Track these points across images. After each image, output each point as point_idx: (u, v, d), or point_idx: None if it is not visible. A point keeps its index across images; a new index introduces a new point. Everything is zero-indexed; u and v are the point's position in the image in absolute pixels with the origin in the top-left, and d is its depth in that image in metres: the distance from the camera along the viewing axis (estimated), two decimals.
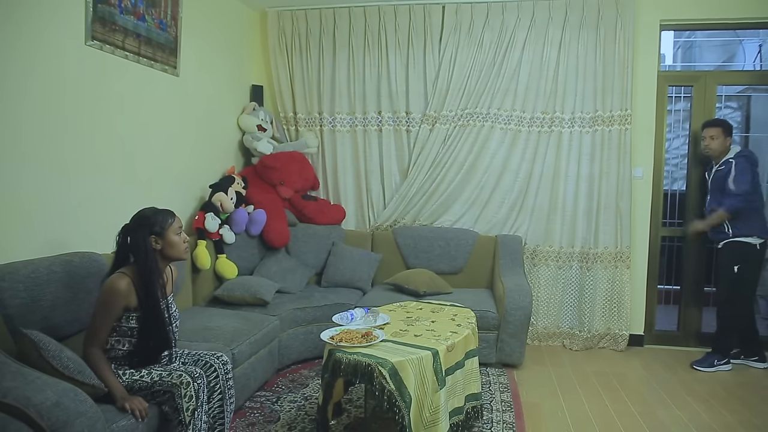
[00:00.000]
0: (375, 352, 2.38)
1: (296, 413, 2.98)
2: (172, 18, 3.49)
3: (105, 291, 2.18)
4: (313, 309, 3.75)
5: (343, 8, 4.55)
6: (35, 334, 1.98)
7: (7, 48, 2.37)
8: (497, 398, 3.24)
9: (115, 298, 2.16)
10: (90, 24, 2.79)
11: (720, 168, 3.87)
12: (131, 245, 2.27)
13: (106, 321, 2.17)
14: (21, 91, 2.45)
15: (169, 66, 3.52)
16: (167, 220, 2.31)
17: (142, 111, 3.29)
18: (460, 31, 4.42)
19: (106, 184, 2.99)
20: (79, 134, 2.79)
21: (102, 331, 2.17)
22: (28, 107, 2.49)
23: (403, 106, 4.58)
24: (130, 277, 2.20)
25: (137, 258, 2.24)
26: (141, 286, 2.21)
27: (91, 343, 2.15)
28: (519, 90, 4.39)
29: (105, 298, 2.17)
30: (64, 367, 1.93)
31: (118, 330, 2.21)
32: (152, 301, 2.23)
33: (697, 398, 3.35)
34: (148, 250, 2.24)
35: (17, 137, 2.44)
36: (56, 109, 2.64)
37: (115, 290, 2.16)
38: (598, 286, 4.30)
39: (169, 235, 2.30)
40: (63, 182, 2.70)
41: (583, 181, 4.31)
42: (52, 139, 2.62)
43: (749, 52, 5.90)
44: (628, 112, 4.20)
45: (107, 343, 2.20)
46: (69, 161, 2.73)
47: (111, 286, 2.17)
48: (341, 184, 4.75)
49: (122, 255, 2.29)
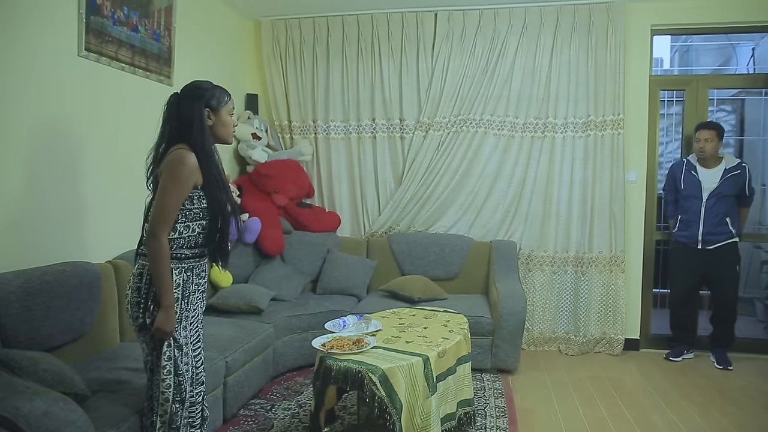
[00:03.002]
0: (366, 358, 2.39)
1: (290, 421, 2.98)
2: (166, 28, 3.52)
3: (175, 165, 1.94)
4: (308, 316, 3.75)
5: (336, 17, 4.58)
6: (3, 354, 1.97)
7: (1, 59, 2.40)
8: (491, 404, 3.24)
9: (188, 171, 1.94)
10: (83, 35, 2.82)
11: (735, 173, 3.95)
12: (183, 115, 2.02)
13: (178, 200, 1.94)
14: (15, 102, 2.47)
15: (164, 76, 3.55)
16: (224, 97, 2.12)
17: (136, 121, 3.30)
18: (453, 38, 4.45)
19: (99, 193, 3.01)
20: (72, 144, 2.81)
21: (173, 212, 1.94)
22: (21, 118, 2.51)
23: (397, 113, 4.60)
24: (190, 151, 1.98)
25: (191, 129, 2.01)
26: (200, 161, 2.00)
27: (160, 228, 1.91)
28: (512, 96, 4.41)
29: (177, 174, 1.93)
30: (41, 380, 1.93)
31: (186, 213, 2.00)
32: (217, 175, 2.05)
33: (692, 402, 3.35)
34: (204, 121, 2.04)
35: (11, 147, 2.46)
36: (49, 120, 2.67)
37: (188, 163, 1.94)
38: (593, 291, 4.31)
39: (222, 113, 2.11)
40: (57, 192, 2.72)
41: (577, 186, 4.32)
42: (46, 149, 2.64)
43: (742, 56, 5.92)
44: (621, 116, 4.22)
45: (175, 231, 1.98)
46: (62, 171, 2.75)
47: (182, 159, 1.94)
48: (336, 192, 4.77)
49: (170, 128, 2.06)
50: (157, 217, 1.92)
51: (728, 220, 3.96)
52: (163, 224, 1.92)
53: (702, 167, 4.04)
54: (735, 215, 4.00)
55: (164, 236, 1.93)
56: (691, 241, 4.04)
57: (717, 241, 3.97)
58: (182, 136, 2.02)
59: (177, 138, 2.03)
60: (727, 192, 3.96)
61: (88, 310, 2.58)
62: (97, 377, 2.29)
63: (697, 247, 4.01)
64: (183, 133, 2.02)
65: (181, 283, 2.02)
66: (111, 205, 3.10)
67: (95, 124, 2.98)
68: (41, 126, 2.62)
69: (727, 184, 3.95)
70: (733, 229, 3.96)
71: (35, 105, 2.58)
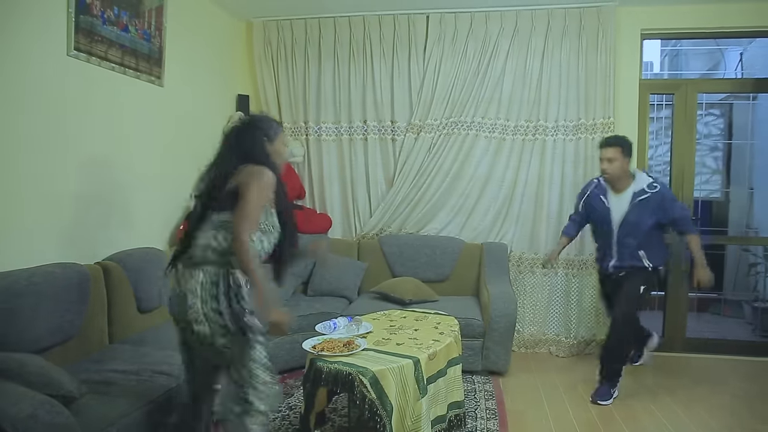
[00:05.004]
0: (356, 360, 2.38)
1: (280, 423, 2.97)
2: (156, 29, 3.51)
3: (259, 176, 2.00)
4: (298, 318, 3.73)
5: (328, 18, 4.58)
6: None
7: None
8: (482, 406, 3.24)
9: (270, 183, 2.02)
10: (72, 34, 2.80)
11: (643, 197, 3.32)
12: (245, 144, 2.12)
13: (261, 207, 1.99)
14: (3, 103, 2.45)
15: (154, 76, 3.53)
16: (279, 128, 2.24)
17: (126, 121, 3.29)
18: (444, 41, 4.46)
19: (89, 194, 2.99)
20: (61, 145, 2.79)
21: (257, 217, 1.97)
22: (10, 118, 2.49)
23: (389, 115, 4.61)
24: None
25: (255, 156, 2.09)
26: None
27: (246, 233, 1.91)
28: (503, 99, 4.43)
29: (262, 183, 1.99)
30: (27, 383, 1.90)
31: (261, 228, 2.05)
32: (285, 199, 2.14)
33: (680, 403, 3.37)
34: (265, 147, 2.15)
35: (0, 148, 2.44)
36: (38, 120, 2.64)
37: (269, 176, 2.02)
38: (584, 293, 4.33)
39: (277, 143, 2.21)
40: (45, 192, 2.69)
41: (567, 189, 4.34)
42: (34, 149, 2.62)
43: (731, 61, 5.99)
44: (611, 119, 4.24)
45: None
46: (51, 172, 2.73)
47: (264, 172, 2.02)
48: (327, 193, 4.76)
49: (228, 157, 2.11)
50: (243, 219, 1.93)
51: (642, 253, 3.36)
52: (249, 228, 1.94)
53: (612, 192, 3.46)
54: (655, 246, 3.39)
55: (248, 239, 1.93)
56: (603, 270, 3.59)
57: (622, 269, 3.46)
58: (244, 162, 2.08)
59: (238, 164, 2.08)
60: (639, 220, 3.33)
61: (77, 312, 2.56)
62: (85, 379, 2.26)
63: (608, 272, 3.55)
64: (247, 160, 2.08)
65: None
66: (100, 205, 3.07)
67: (84, 125, 2.95)
68: (28, 126, 2.60)
69: (637, 211, 3.33)
70: (650, 264, 3.36)
71: (23, 105, 2.56)
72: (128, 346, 2.79)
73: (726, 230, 5.69)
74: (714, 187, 6.02)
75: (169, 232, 3.77)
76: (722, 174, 5.99)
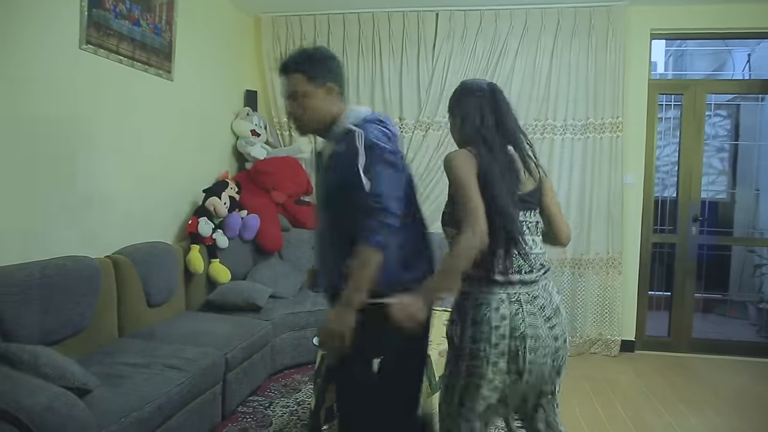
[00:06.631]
0: None
1: (288, 418, 2.98)
2: (167, 23, 3.50)
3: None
4: (306, 314, 3.74)
5: (337, 14, 4.57)
6: (3, 348, 1.96)
7: (2, 51, 2.38)
8: None
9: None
10: (84, 28, 2.80)
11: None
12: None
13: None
14: (16, 95, 2.45)
15: (164, 71, 3.53)
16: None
17: (136, 115, 3.29)
18: (454, 39, 4.45)
19: (99, 188, 2.99)
20: (72, 138, 2.79)
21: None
22: (22, 110, 2.49)
23: (397, 112, 4.59)
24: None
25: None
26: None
27: (476, 226, 1.66)
28: (511, 97, 4.32)
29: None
30: (42, 375, 1.91)
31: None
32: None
33: (688, 404, 3.37)
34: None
35: (11, 140, 2.44)
36: (50, 113, 2.64)
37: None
38: (590, 292, 4.33)
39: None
40: (57, 186, 2.70)
41: (575, 188, 4.33)
42: (45, 142, 2.62)
43: (738, 62, 5.98)
44: (620, 119, 4.24)
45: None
46: (62, 165, 2.73)
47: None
48: None
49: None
50: (468, 216, 1.73)
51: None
52: (479, 221, 1.72)
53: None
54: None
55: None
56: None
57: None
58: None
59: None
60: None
61: (88, 305, 2.57)
62: (97, 372, 2.27)
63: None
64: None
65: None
66: (110, 198, 3.08)
67: (95, 118, 2.95)
68: (41, 119, 2.60)
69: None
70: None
71: (35, 98, 2.56)
72: (138, 339, 2.80)
73: (731, 231, 5.68)
74: (720, 188, 6.02)
75: (178, 226, 3.78)
76: (728, 175, 5.99)
